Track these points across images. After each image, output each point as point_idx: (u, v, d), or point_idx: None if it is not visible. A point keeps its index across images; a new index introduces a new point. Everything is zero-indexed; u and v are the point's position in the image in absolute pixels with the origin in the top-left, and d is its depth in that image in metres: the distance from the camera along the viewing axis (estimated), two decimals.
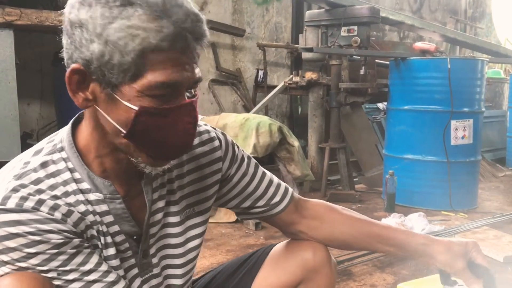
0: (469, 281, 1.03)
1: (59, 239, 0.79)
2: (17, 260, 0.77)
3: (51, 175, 0.83)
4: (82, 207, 0.84)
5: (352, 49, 3.78)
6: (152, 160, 0.84)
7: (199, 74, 0.82)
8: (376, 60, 4.41)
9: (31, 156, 0.86)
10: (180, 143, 0.84)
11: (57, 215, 0.80)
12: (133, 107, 0.77)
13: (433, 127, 3.48)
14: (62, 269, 0.80)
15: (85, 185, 0.86)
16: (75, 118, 0.91)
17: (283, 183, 1.15)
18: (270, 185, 1.10)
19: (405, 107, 3.64)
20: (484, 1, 9.02)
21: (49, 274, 0.79)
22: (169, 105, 0.79)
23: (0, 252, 0.77)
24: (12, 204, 0.77)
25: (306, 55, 4.33)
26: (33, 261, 0.78)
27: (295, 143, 3.52)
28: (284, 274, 1.12)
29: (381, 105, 5.13)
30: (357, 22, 3.86)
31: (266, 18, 5.53)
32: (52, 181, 0.83)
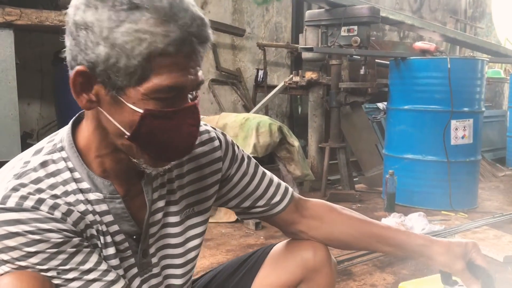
0: (468, 282, 1.03)
1: (58, 238, 0.79)
2: (17, 259, 0.77)
3: (51, 175, 0.83)
4: (81, 207, 0.84)
5: (352, 49, 3.78)
6: (154, 161, 0.85)
7: (202, 77, 0.82)
8: (376, 60, 4.41)
9: (31, 155, 0.86)
10: (183, 145, 0.85)
11: (57, 214, 0.80)
12: (138, 110, 0.77)
13: (433, 127, 3.48)
14: (61, 268, 0.80)
15: (85, 185, 0.86)
16: (75, 117, 0.91)
17: (283, 183, 1.15)
18: (270, 185, 1.11)
19: (405, 107, 3.64)
20: (484, 1, 9.02)
21: (48, 273, 0.79)
22: (173, 108, 0.79)
23: (0, 251, 0.77)
24: (12, 203, 0.77)
25: (306, 55, 4.33)
26: (33, 260, 0.78)
27: (295, 143, 3.52)
28: (284, 274, 1.12)
29: (381, 105, 5.14)
30: (357, 22, 3.86)
31: (266, 18, 5.53)
32: (52, 180, 0.83)
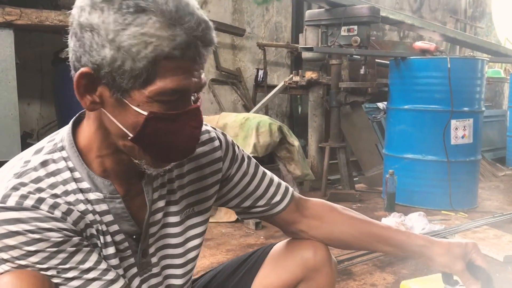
0: (468, 283, 1.03)
1: (58, 237, 0.79)
2: (16, 258, 0.78)
3: (51, 174, 0.83)
4: (81, 206, 0.85)
5: (352, 48, 3.78)
6: (155, 162, 0.86)
7: (204, 79, 0.83)
8: (376, 60, 4.42)
9: (32, 155, 0.86)
10: (185, 147, 0.85)
11: (57, 214, 0.80)
12: (143, 112, 0.78)
13: (433, 127, 3.48)
14: (61, 267, 0.80)
15: (85, 185, 0.86)
16: (75, 117, 0.92)
17: (284, 182, 1.15)
18: (271, 184, 1.11)
19: (405, 106, 3.64)
20: (484, 0, 9.02)
21: (48, 272, 0.79)
22: (177, 111, 0.80)
23: (0, 250, 0.77)
24: (12, 202, 0.77)
25: (306, 54, 4.33)
26: (33, 259, 0.78)
27: (295, 142, 3.52)
28: (284, 273, 1.12)
29: (381, 105, 5.14)
30: (357, 22, 3.86)
31: (266, 18, 5.53)
32: (52, 180, 0.83)
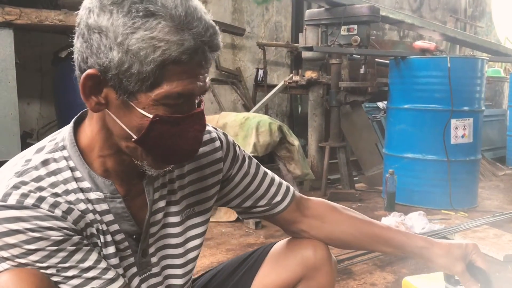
0: (468, 284, 1.04)
1: (59, 236, 0.79)
2: (16, 257, 0.78)
3: (52, 173, 0.84)
4: (82, 206, 0.85)
5: (352, 48, 3.77)
6: (157, 163, 0.86)
7: (208, 83, 0.84)
8: (376, 59, 4.42)
9: (33, 153, 0.86)
10: (188, 149, 0.86)
11: (57, 213, 0.80)
12: (148, 115, 0.78)
13: (433, 126, 3.48)
14: (61, 266, 0.80)
15: (86, 184, 0.86)
16: (77, 117, 0.92)
17: (285, 182, 1.15)
18: (272, 184, 1.11)
19: (405, 106, 3.64)
20: (484, 0, 9.02)
21: (48, 271, 0.79)
22: (182, 114, 0.80)
23: (0, 248, 0.77)
24: (13, 200, 0.78)
25: (306, 54, 4.33)
26: (33, 257, 0.78)
27: (295, 142, 3.52)
28: (284, 272, 1.13)
29: (381, 104, 5.14)
30: (357, 21, 3.86)
31: (266, 17, 5.53)
32: (53, 179, 0.83)
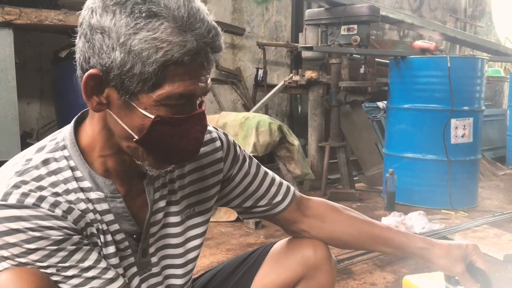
0: (467, 284, 1.04)
1: (59, 235, 0.79)
2: (17, 256, 0.78)
3: (52, 173, 0.84)
4: (82, 205, 0.85)
5: (352, 47, 3.77)
6: (158, 163, 0.86)
7: (210, 84, 0.84)
8: (376, 59, 4.42)
9: (34, 153, 0.87)
10: (189, 150, 0.86)
11: (58, 212, 0.80)
12: (150, 115, 0.78)
13: (433, 126, 3.48)
14: (61, 265, 0.80)
15: (86, 184, 0.86)
16: (77, 116, 0.92)
17: (285, 182, 1.15)
18: (272, 184, 1.11)
19: (405, 105, 3.64)
20: None
21: (48, 270, 0.79)
22: (183, 115, 0.80)
23: (0, 247, 0.77)
24: (13, 200, 0.78)
25: (306, 54, 4.33)
26: (33, 256, 0.78)
27: (295, 142, 3.52)
28: (284, 272, 1.13)
29: (381, 104, 5.13)
30: (357, 21, 3.86)
31: (266, 17, 5.53)
32: (53, 178, 0.83)
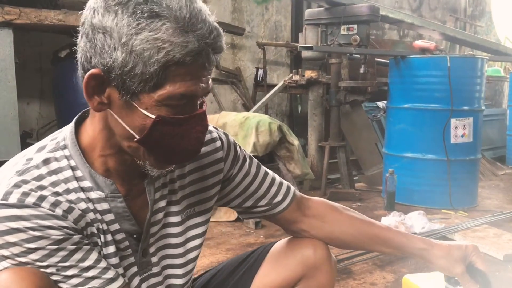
0: (467, 285, 1.05)
1: (59, 235, 0.79)
2: (17, 255, 0.78)
3: (53, 172, 0.84)
4: (82, 205, 0.85)
5: (351, 47, 3.77)
6: (159, 163, 0.86)
7: (211, 85, 0.84)
8: (376, 59, 4.42)
9: (34, 152, 0.87)
10: (190, 150, 0.86)
11: (58, 212, 0.80)
12: (151, 115, 0.79)
13: (433, 126, 3.48)
14: (61, 265, 0.80)
15: (87, 183, 0.86)
16: (78, 116, 0.92)
17: (286, 182, 1.15)
18: (272, 184, 1.11)
19: (405, 105, 3.64)
20: None
21: (48, 270, 0.80)
22: (184, 115, 0.81)
23: (1, 246, 0.78)
24: (13, 199, 0.78)
25: (306, 53, 4.33)
26: (33, 256, 0.78)
27: (295, 141, 3.52)
28: (284, 271, 1.13)
29: (380, 104, 5.13)
30: (356, 21, 3.86)
31: (266, 17, 5.52)
32: (53, 178, 0.83)
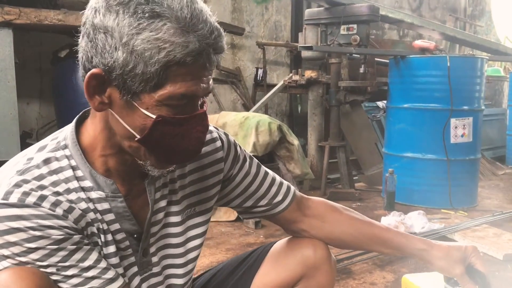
0: (466, 286, 1.05)
1: (59, 235, 0.79)
2: (17, 255, 0.78)
3: (53, 172, 0.84)
4: (83, 205, 0.85)
5: (351, 47, 3.77)
6: (160, 163, 0.86)
7: (212, 85, 0.84)
8: (376, 59, 4.42)
9: (35, 152, 0.87)
10: (191, 150, 0.86)
11: (59, 211, 0.80)
12: (151, 115, 0.79)
13: (433, 125, 3.48)
14: (61, 264, 0.80)
15: (87, 183, 0.86)
16: (79, 115, 0.92)
17: (286, 182, 1.15)
18: (273, 184, 1.11)
19: (405, 105, 3.64)
20: None
21: (48, 269, 0.80)
22: (185, 115, 0.81)
23: (1, 246, 0.78)
24: (14, 199, 0.78)
25: (306, 53, 4.33)
26: (33, 256, 0.78)
27: (295, 141, 3.52)
28: (284, 271, 1.13)
29: (380, 104, 5.13)
30: (356, 20, 3.86)
31: (266, 17, 5.52)
32: (54, 177, 0.83)
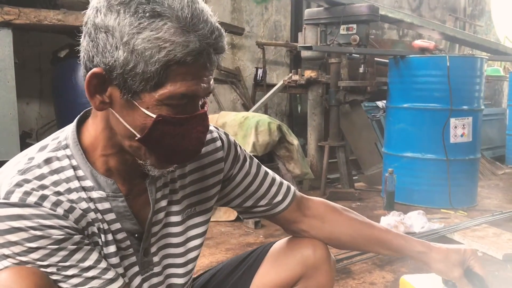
0: None
1: (60, 234, 0.79)
2: (18, 254, 0.78)
3: (54, 172, 0.84)
4: (84, 204, 0.85)
5: (351, 47, 3.78)
6: (160, 163, 0.87)
7: (212, 85, 0.84)
8: (375, 58, 4.42)
9: (36, 152, 0.87)
10: (191, 150, 0.86)
11: (59, 211, 0.80)
12: (152, 115, 0.79)
13: (433, 125, 3.48)
14: (61, 264, 0.80)
15: (88, 183, 0.87)
16: (80, 115, 0.92)
17: (286, 182, 1.15)
18: (273, 184, 1.11)
19: (405, 105, 3.64)
20: None
21: (48, 269, 0.80)
22: (185, 115, 0.81)
23: (2, 245, 0.78)
24: (15, 198, 0.78)
25: (305, 53, 4.33)
26: (34, 255, 0.78)
27: (295, 141, 3.52)
28: (284, 271, 1.13)
29: (380, 103, 5.14)
30: (356, 20, 3.86)
31: (265, 17, 5.53)
32: (55, 177, 0.84)
